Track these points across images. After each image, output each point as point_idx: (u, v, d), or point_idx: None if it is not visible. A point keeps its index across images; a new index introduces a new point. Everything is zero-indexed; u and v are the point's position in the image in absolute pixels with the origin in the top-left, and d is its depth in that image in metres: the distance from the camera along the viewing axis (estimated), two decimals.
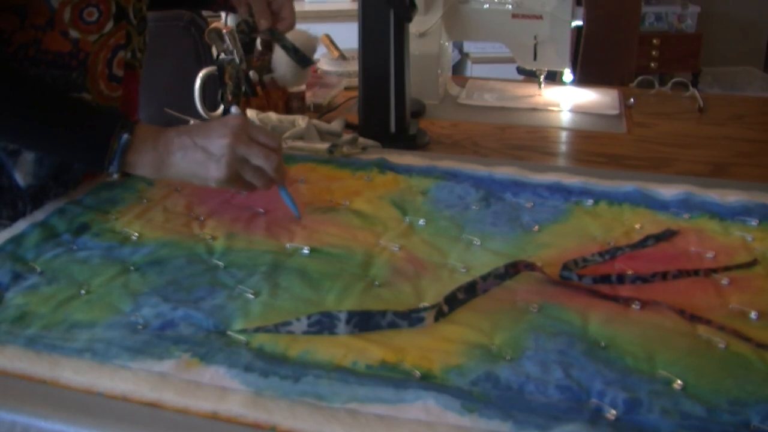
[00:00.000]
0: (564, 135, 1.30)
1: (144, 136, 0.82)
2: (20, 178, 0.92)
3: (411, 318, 0.69)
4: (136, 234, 0.85)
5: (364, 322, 0.68)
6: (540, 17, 1.37)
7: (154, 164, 0.83)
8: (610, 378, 0.61)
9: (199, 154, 0.81)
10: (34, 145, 0.89)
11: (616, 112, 1.38)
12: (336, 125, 1.18)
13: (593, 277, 0.76)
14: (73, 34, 0.88)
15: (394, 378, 0.62)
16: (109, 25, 0.91)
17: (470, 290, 0.73)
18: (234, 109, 0.89)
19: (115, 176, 0.83)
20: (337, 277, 0.76)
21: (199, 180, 0.82)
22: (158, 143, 0.82)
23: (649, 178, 1.00)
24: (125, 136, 0.82)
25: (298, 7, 1.03)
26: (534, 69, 1.46)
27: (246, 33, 1.04)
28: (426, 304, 0.71)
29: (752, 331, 0.67)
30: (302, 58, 1.08)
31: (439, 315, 0.70)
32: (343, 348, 0.66)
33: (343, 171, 1.03)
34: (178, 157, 0.82)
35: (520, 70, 1.95)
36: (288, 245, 0.83)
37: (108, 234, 0.85)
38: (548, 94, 1.48)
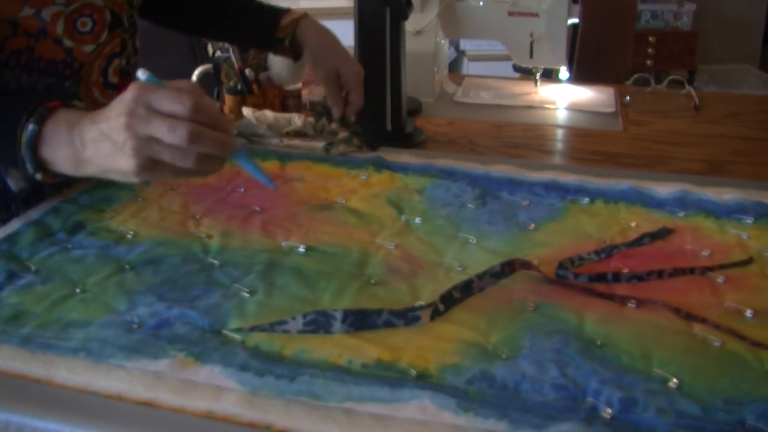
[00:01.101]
0: (560, 133, 1.30)
1: (57, 127, 0.69)
2: (12, 183, 0.88)
3: (407, 317, 0.69)
4: (132, 232, 0.85)
5: (360, 320, 0.68)
6: (536, 15, 1.37)
7: (70, 161, 0.69)
8: (606, 377, 0.61)
9: (107, 144, 0.65)
10: None
11: (612, 110, 1.38)
12: (333, 124, 1.17)
13: (589, 276, 0.76)
14: (67, 43, 0.87)
15: (389, 377, 0.62)
16: (104, 35, 0.90)
17: (466, 289, 0.73)
18: (140, 73, 0.68)
19: (38, 177, 0.71)
20: (333, 276, 0.76)
21: (117, 176, 0.68)
22: (73, 134, 0.68)
23: (644, 177, 1.00)
24: (31, 126, 0.69)
25: (293, 4, 1.03)
26: (530, 67, 1.46)
27: (320, 115, 1.11)
28: (422, 302, 0.71)
29: (747, 330, 0.67)
30: (370, 140, 1.10)
31: (435, 314, 0.70)
32: (338, 347, 0.66)
33: (339, 169, 1.03)
34: (90, 152, 0.67)
35: (516, 68, 1.95)
36: (284, 244, 0.83)
37: (103, 232, 0.85)
38: (544, 92, 1.48)
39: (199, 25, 1.15)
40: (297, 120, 1.13)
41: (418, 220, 0.89)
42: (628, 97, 1.45)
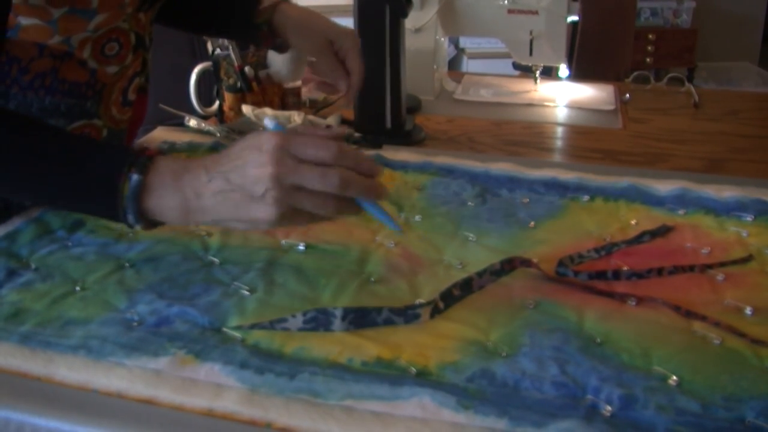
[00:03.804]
0: (560, 130, 1.30)
1: (162, 176, 0.67)
2: None
3: (407, 314, 0.69)
4: (131, 230, 0.85)
5: (360, 318, 0.68)
6: (536, 12, 1.37)
7: (180, 210, 0.67)
8: (606, 374, 0.61)
9: (237, 195, 0.64)
10: (34, 197, 0.77)
11: (611, 107, 1.38)
12: (332, 121, 1.18)
13: (589, 274, 0.76)
14: (92, 64, 0.87)
15: (389, 375, 0.62)
16: (129, 57, 0.90)
17: (466, 286, 0.73)
18: (268, 121, 0.68)
19: (138, 227, 0.69)
20: (333, 274, 0.76)
21: (245, 225, 0.66)
22: (182, 183, 0.66)
23: (644, 174, 1.00)
24: (135, 176, 0.66)
25: (293, 1, 1.02)
26: (530, 64, 1.46)
27: (350, 141, 1.07)
28: (422, 300, 0.71)
29: (747, 327, 0.67)
30: (374, 138, 1.07)
31: (435, 311, 0.70)
32: (338, 345, 0.66)
33: None
34: (211, 202, 0.65)
35: (516, 66, 1.95)
36: (283, 242, 0.83)
37: (103, 230, 0.85)
38: (544, 90, 1.48)
39: (172, 15, 1.09)
40: (297, 118, 1.13)
41: (417, 217, 0.89)
42: (627, 95, 1.45)
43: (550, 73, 1.60)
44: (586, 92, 1.48)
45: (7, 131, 0.69)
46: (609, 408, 0.58)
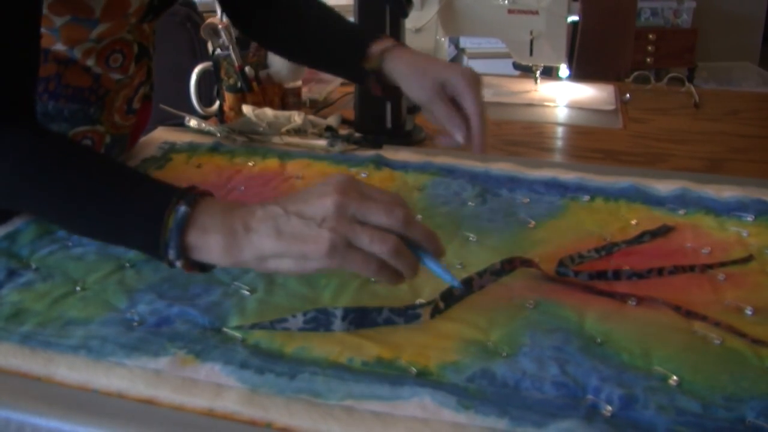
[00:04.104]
0: (560, 130, 1.30)
1: (211, 211, 0.63)
2: None
3: (407, 314, 0.69)
4: None
5: (360, 318, 0.68)
6: (536, 12, 1.37)
7: (225, 245, 0.62)
8: (606, 374, 0.61)
9: (293, 223, 0.60)
10: (73, 227, 0.73)
11: (612, 107, 1.38)
12: (332, 121, 1.18)
13: (589, 274, 0.76)
14: (96, 70, 0.87)
15: (390, 375, 0.62)
16: (132, 68, 0.90)
17: (466, 286, 0.73)
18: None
19: (178, 264, 0.64)
20: (333, 274, 0.76)
21: (293, 261, 0.61)
22: (233, 218, 0.62)
23: (645, 174, 1.00)
24: (183, 208, 0.62)
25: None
26: (530, 64, 1.46)
27: (350, 141, 1.02)
28: (422, 300, 0.71)
29: (748, 327, 0.67)
30: (375, 138, 1.03)
31: (435, 311, 0.70)
32: (338, 345, 0.66)
33: (339, 167, 1.03)
34: (261, 231, 0.61)
35: (516, 66, 1.95)
36: None
37: None
38: (544, 90, 1.48)
39: (273, 41, 1.04)
40: (297, 118, 1.13)
41: (418, 217, 0.89)
42: (628, 95, 1.45)
43: (550, 73, 1.60)
44: (587, 92, 1.48)
45: (56, 154, 0.67)
46: (609, 408, 0.58)
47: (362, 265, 0.61)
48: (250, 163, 1.04)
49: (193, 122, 1.15)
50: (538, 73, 1.47)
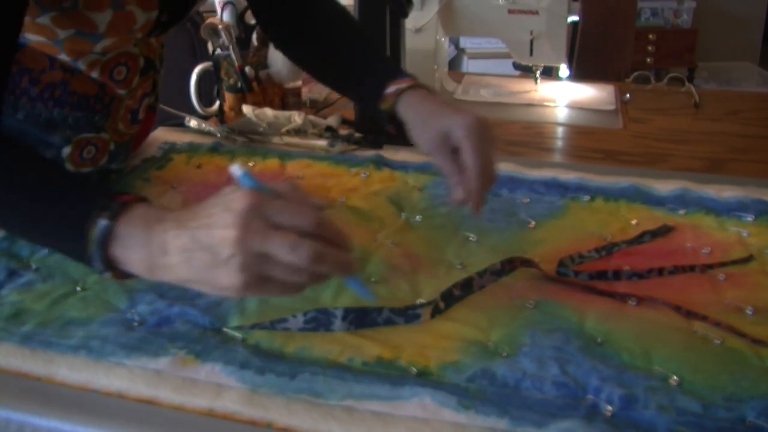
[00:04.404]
0: (560, 131, 1.30)
1: (132, 226, 0.60)
2: None
3: (407, 314, 0.69)
4: None
5: (360, 318, 0.68)
6: (536, 12, 1.37)
7: (145, 265, 0.60)
8: (606, 374, 0.61)
9: (202, 256, 0.57)
10: (9, 228, 0.72)
11: (612, 107, 1.38)
12: (332, 121, 1.17)
13: (589, 274, 0.76)
14: (101, 79, 0.87)
15: (390, 375, 0.62)
16: (136, 80, 0.90)
17: (466, 286, 0.73)
18: (236, 168, 0.60)
19: (107, 276, 0.63)
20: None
21: (210, 290, 0.59)
22: (152, 236, 0.60)
23: (645, 174, 1.00)
24: (103, 222, 0.60)
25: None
26: (530, 64, 1.46)
27: (351, 141, 0.99)
28: (422, 300, 0.71)
29: (748, 327, 0.67)
30: (375, 138, 1.01)
31: (435, 311, 0.70)
32: (339, 345, 0.66)
33: (339, 167, 1.03)
34: (176, 260, 0.59)
35: (516, 66, 1.95)
36: None
37: None
38: (544, 90, 1.48)
39: (300, 60, 1.01)
40: (297, 118, 1.13)
41: (418, 217, 0.89)
42: (628, 95, 1.45)
43: (550, 73, 1.60)
44: (587, 92, 1.48)
45: None
46: (609, 408, 0.58)
47: (281, 292, 0.59)
48: (250, 163, 1.04)
49: (193, 122, 1.15)
50: (538, 73, 1.47)
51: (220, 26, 1.18)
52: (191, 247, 0.58)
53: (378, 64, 0.91)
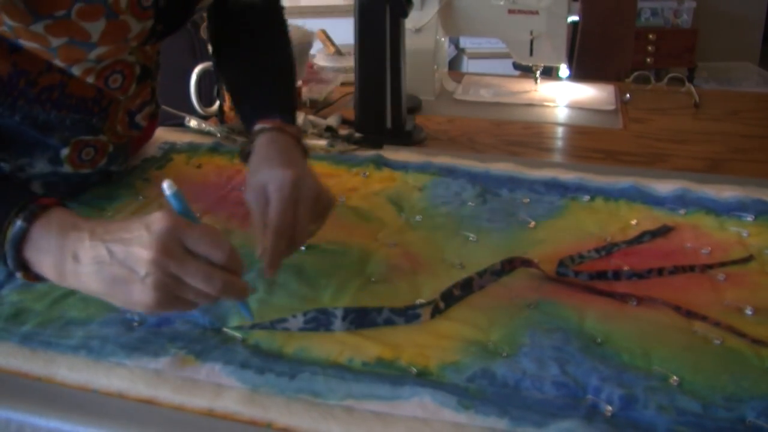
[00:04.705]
0: (560, 131, 1.30)
1: (48, 229, 0.62)
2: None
3: (407, 314, 0.69)
4: None
5: (360, 318, 0.68)
6: (536, 12, 1.36)
7: (56, 270, 0.61)
8: (606, 374, 0.61)
9: (116, 270, 0.59)
10: None
11: (612, 107, 1.38)
12: (332, 121, 1.18)
13: (589, 274, 0.76)
14: (97, 85, 0.86)
15: (390, 375, 0.62)
16: (132, 88, 0.89)
17: (466, 286, 0.73)
18: (167, 186, 0.63)
19: (18, 276, 0.64)
20: (333, 274, 0.76)
21: (120, 303, 0.61)
22: (66, 242, 0.61)
23: (645, 174, 1.00)
24: (19, 223, 0.62)
25: (293, 2, 1.01)
26: (530, 64, 1.46)
27: (350, 141, 0.99)
28: (422, 300, 0.71)
29: (748, 327, 0.67)
30: (375, 138, 1.02)
31: (435, 311, 0.70)
32: (339, 345, 0.66)
33: (339, 167, 1.03)
34: (87, 269, 0.60)
35: (516, 66, 1.95)
36: None
37: None
38: (544, 90, 1.48)
39: (218, 61, 1.00)
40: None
41: (418, 217, 0.89)
42: (628, 95, 1.45)
43: (550, 73, 1.60)
44: (587, 92, 1.48)
45: None
46: (609, 408, 0.58)
47: (186, 309, 0.62)
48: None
49: (193, 122, 1.15)
50: (538, 73, 1.47)
51: None
52: (105, 260, 0.59)
53: (268, 97, 0.89)
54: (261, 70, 0.93)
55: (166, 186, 0.62)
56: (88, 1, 0.74)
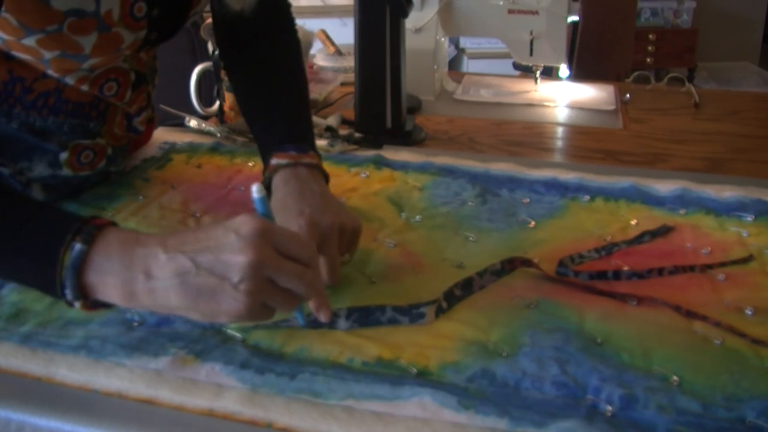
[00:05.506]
0: (560, 131, 1.30)
1: (108, 248, 0.57)
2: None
3: (411, 314, 0.69)
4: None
5: (364, 318, 0.68)
6: (536, 12, 1.37)
7: (123, 290, 0.57)
8: (606, 374, 0.61)
9: (204, 280, 0.55)
10: None
11: (612, 107, 1.38)
12: (332, 121, 1.18)
13: (589, 274, 0.76)
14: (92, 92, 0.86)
15: (390, 375, 0.62)
16: (128, 95, 0.89)
17: (467, 287, 0.73)
18: (256, 190, 0.60)
19: (77, 306, 0.59)
20: None
21: (204, 315, 0.57)
22: (132, 259, 0.57)
23: (645, 174, 1.00)
24: (78, 246, 0.57)
25: (293, 2, 1.00)
26: (530, 64, 1.46)
27: (350, 141, 0.96)
28: (425, 299, 0.71)
29: (748, 327, 0.67)
30: (375, 138, 1.01)
31: (439, 311, 0.70)
32: (339, 345, 0.66)
33: (340, 167, 1.03)
34: (164, 284, 0.56)
35: (516, 66, 1.95)
36: None
37: None
38: (544, 90, 1.48)
39: (235, 86, 0.98)
40: None
41: (418, 217, 0.89)
42: (628, 95, 1.45)
43: (550, 73, 1.60)
44: (587, 92, 1.48)
45: None
46: (610, 408, 0.58)
47: (265, 319, 0.59)
48: (250, 164, 1.04)
49: (193, 122, 1.15)
50: (538, 73, 1.47)
51: None
52: (189, 271, 0.56)
53: (281, 125, 0.87)
54: (272, 95, 0.90)
55: (255, 189, 0.60)
56: (80, 16, 0.73)
